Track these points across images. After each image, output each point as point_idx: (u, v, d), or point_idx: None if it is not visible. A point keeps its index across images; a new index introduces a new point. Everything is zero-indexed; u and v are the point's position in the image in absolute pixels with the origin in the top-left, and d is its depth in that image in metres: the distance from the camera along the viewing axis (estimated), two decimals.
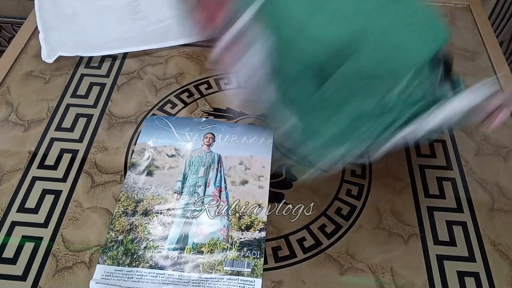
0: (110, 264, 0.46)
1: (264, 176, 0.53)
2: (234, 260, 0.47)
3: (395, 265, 0.47)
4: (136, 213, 0.49)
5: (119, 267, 0.46)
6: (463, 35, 0.73)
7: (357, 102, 0.42)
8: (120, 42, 0.68)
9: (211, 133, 0.57)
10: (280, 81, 0.44)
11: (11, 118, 0.60)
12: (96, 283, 0.44)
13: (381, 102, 0.42)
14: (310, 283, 0.46)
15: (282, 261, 0.47)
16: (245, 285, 0.45)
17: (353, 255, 0.48)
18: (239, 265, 0.46)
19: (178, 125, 0.58)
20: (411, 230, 0.50)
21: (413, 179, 0.55)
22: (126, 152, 0.56)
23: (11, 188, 0.53)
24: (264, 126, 0.58)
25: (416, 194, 0.53)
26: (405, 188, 0.54)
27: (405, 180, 0.55)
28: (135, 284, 0.45)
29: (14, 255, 0.47)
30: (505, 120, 0.54)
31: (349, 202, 0.52)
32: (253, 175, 0.53)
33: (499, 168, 0.56)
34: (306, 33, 0.40)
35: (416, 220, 0.51)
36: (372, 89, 0.42)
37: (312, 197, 0.52)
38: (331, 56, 0.40)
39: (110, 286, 0.44)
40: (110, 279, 0.45)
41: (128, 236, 0.48)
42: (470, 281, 0.46)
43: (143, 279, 0.45)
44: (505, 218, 0.51)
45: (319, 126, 0.44)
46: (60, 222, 0.50)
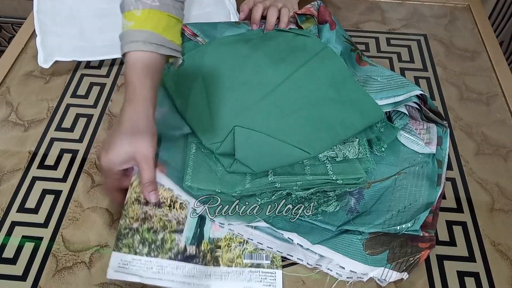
0: (127, 252, 0.44)
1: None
2: (252, 253, 0.47)
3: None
4: (149, 203, 0.48)
5: (137, 256, 0.44)
6: (463, 35, 0.73)
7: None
8: (118, 47, 0.66)
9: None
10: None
11: (11, 118, 0.60)
12: (114, 271, 0.43)
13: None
14: (310, 283, 0.46)
15: (283, 261, 0.47)
16: (267, 277, 0.45)
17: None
18: (257, 257, 0.46)
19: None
20: None
21: None
22: None
23: (11, 188, 0.53)
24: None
25: None
26: None
27: None
28: (156, 275, 0.44)
29: (14, 255, 0.47)
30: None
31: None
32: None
33: (499, 168, 0.56)
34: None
35: None
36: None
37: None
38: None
39: (130, 275, 0.43)
40: (129, 268, 0.43)
41: (144, 225, 0.46)
42: (470, 281, 0.46)
43: (163, 270, 0.44)
44: (505, 218, 0.51)
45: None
46: (60, 222, 0.50)
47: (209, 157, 0.52)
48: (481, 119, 0.61)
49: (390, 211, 0.48)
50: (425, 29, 0.74)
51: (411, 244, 0.46)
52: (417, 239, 0.47)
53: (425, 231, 0.48)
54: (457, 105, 0.63)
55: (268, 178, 0.50)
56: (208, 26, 0.66)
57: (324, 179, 0.50)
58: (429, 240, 0.47)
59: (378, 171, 0.53)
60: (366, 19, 0.68)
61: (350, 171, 0.51)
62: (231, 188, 0.50)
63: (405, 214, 0.48)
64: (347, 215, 0.49)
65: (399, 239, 0.47)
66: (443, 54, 0.70)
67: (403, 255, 0.46)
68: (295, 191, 0.50)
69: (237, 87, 0.56)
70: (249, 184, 0.50)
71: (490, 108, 0.62)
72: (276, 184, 0.50)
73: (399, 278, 0.45)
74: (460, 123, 0.60)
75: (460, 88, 0.65)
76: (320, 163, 0.52)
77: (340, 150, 0.52)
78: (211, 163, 0.52)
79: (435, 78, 0.66)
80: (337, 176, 0.50)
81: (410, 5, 0.78)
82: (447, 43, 0.71)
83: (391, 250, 0.46)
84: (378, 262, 0.46)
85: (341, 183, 0.50)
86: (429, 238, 0.47)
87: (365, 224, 0.48)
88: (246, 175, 0.51)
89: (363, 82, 0.58)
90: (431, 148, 0.53)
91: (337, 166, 0.51)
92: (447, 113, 0.61)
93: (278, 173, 0.51)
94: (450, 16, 0.76)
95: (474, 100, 0.63)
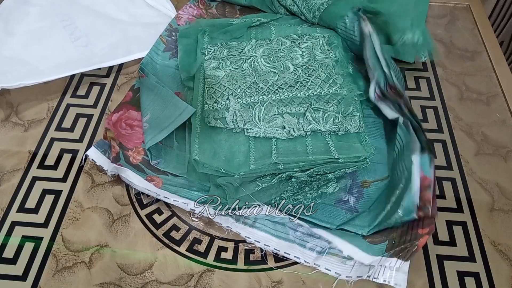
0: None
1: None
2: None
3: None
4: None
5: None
6: (463, 35, 0.73)
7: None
8: (67, 65, 0.64)
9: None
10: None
11: (11, 118, 0.60)
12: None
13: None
14: (310, 283, 0.46)
15: (282, 261, 0.47)
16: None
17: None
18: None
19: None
20: None
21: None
22: None
23: (11, 188, 0.53)
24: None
25: None
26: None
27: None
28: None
29: (14, 255, 0.47)
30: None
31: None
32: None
33: (499, 168, 0.56)
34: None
35: None
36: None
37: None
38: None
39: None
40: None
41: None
42: (470, 281, 0.46)
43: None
44: (505, 218, 0.51)
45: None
46: (60, 222, 0.50)
47: (214, 136, 0.53)
48: (481, 119, 0.61)
49: (386, 208, 0.48)
50: None
51: (410, 232, 0.46)
52: (417, 226, 0.45)
53: (421, 211, 0.45)
54: (457, 105, 0.63)
55: (272, 158, 0.50)
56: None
57: (326, 159, 0.51)
58: (428, 224, 0.45)
59: (378, 170, 0.53)
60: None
61: (351, 150, 0.52)
62: (236, 169, 0.50)
63: (396, 203, 0.47)
64: (346, 214, 0.50)
65: (400, 229, 0.46)
66: (443, 54, 0.70)
67: (402, 243, 0.45)
68: (296, 173, 0.50)
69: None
70: (253, 165, 0.51)
71: (490, 108, 0.62)
72: (279, 165, 0.50)
73: (398, 266, 0.44)
74: (460, 123, 0.60)
75: (460, 88, 0.65)
76: (322, 139, 0.53)
77: (342, 124, 0.53)
78: (215, 144, 0.53)
79: (435, 78, 0.66)
80: (339, 154, 0.51)
81: None
82: (447, 43, 0.71)
83: (390, 241, 0.46)
84: (376, 251, 0.45)
85: (343, 162, 0.50)
86: (428, 222, 0.45)
87: (364, 227, 0.48)
88: (250, 156, 0.52)
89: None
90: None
91: (339, 144, 0.52)
92: (447, 113, 0.61)
93: (281, 153, 0.51)
94: (450, 16, 0.76)
95: (474, 100, 0.63)
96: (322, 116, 0.54)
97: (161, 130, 0.53)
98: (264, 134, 0.53)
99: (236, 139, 0.54)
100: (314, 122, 0.54)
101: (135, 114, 0.58)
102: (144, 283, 0.45)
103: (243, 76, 0.58)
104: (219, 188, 0.50)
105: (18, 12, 0.69)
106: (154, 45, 0.65)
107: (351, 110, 0.55)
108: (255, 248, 0.48)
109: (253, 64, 0.59)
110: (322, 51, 0.61)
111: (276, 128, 0.53)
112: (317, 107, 0.55)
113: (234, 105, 0.55)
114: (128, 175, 0.51)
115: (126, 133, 0.56)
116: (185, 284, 0.46)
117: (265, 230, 0.48)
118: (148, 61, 0.63)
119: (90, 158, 0.53)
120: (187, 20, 0.69)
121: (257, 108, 0.54)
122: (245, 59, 0.60)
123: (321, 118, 0.54)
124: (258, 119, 0.54)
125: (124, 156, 0.53)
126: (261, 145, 0.53)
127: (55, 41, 0.67)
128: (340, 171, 0.51)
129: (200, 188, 0.51)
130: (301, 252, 0.47)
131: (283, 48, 0.62)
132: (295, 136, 0.53)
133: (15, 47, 0.65)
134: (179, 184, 0.52)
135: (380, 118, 0.57)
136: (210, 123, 0.54)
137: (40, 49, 0.65)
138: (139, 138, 0.55)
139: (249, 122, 0.54)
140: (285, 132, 0.53)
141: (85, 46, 0.67)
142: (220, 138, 0.54)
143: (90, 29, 0.69)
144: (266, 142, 0.53)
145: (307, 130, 0.53)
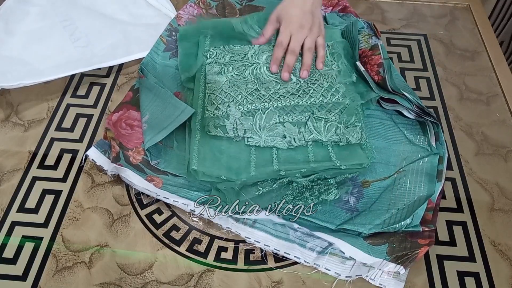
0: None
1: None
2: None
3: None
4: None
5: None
6: (463, 35, 0.73)
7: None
8: (67, 65, 0.64)
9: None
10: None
11: (11, 118, 0.60)
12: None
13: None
14: (310, 283, 0.46)
15: (282, 261, 0.47)
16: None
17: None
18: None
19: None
20: None
21: None
22: None
23: (11, 188, 0.53)
24: None
25: None
26: None
27: None
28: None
29: (14, 255, 0.47)
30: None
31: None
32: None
33: (499, 168, 0.56)
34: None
35: None
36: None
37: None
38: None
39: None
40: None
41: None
42: (470, 281, 0.46)
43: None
44: (505, 218, 0.51)
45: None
46: (60, 222, 0.50)
47: (214, 143, 0.53)
48: (481, 119, 0.61)
49: (389, 210, 0.48)
50: (425, 29, 0.74)
51: (410, 239, 0.46)
52: (416, 235, 0.47)
53: (425, 226, 0.47)
54: (457, 105, 0.63)
55: (274, 166, 0.50)
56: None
57: (327, 166, 0.50)
58: (429, 237, 0.47)
59: (378, 170, 0.53)
60: (366, 19, 0.68)
61: (353, 157, 0.51)
62: (236, 175, 0.50)
63: (405, 211, 0.48)
64: (346, 214, 0.50)
65: (398, 235, 0.47)
66: (443, 54, 0.70)
67: (402, 250, 0.46)
68: (297, 178, 0.50)
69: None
70: (254, 172, 0.50)
71: (490, 108, 0.62)
72: (281, 172, 0.50)
73: (396, 271, 0.45)
74: (460, 123, 0.60)
75: (460, 88, 0.65)
76: (323, 147, 0.52)
77: (344, 135, 0.53)
78: (215, 151, 0.52)
79: (435, 78, 0.66)
80: (340, 162, 0.50)
81: (410, 5, 0.78)
82: (447, 43, 0.71)
83: (390, 244, 0.46)
84: (377, 253, 0.46)
85: (345, 169, 0.50)
86: (429, 235, 0.47)
87: (365, 225, 0.48)
88: (251, 162, 0.51)
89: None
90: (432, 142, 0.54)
91: (340, 152, 0.52)
92: (447, 113, 0.61)
93: (282, 161, 0.51)
94: (450, 16, 0.76)
95: (474, 100, 0.63)
96: (324, 126, 0.53)
97: (160, 130, 0.53)
98: (264, 144, 0.52)
99: (236, 146, 0.53)
100: (316, 132, 0.53)
101: (135, 114, 0.58)
102: (144, 283, 0.45)
103: (245, 83, 0.57)
104: (220, 192, 0.50)
105: (18, 12, 0.69)
106: (155, 45, 0.65)
107: (353, 120, 0.54)
108: (255, 248, 0.48)
109: (256, 71, 0.58)
110: (325, 63, 0.59)
111: (277, 138, 0.53)
112: (319, 116, 0.54)
113: (235, 113, 0.54)
114: (128, 175, 0.51)
115: (126, 133, 0.56)
116: (185, 284, 0.46)
117: (265, 230, 0.48)
118: (148, 61, 0.63)
119: (90, 158, 0.53)
120: (187, 20, 0.69)
121: (258, 116, 0.54)
122: (247, 65, 0.59)
123: (323, 128, 0.53)
124: (259, 127, 0.53)
125: (124, 156, 0.53)
126: (262, 152, 0.52)
127: (55, 41, 0.66)
128: (341, 176, 0.52)
129: (200, 188, 0.51)
130: (301, 252, 0.47)
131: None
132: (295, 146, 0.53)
133: (15, 47, 0.65)
134: (179, 184, 0.51)
135: (381, 118, 0.58)
136: (210, 132, 0.53)
137: (40, 49, 0.65)
138: (139, 138, 0.55)
139: (250, 130, 0.53)
140: (285, 141, 0.52)
141: (85, 47, 0.67)
142: (221, 145, 0.53)
143: (90, 29, 0.69)
144: (267, 149, 0.53)
145: (308, 140, 0.53)
